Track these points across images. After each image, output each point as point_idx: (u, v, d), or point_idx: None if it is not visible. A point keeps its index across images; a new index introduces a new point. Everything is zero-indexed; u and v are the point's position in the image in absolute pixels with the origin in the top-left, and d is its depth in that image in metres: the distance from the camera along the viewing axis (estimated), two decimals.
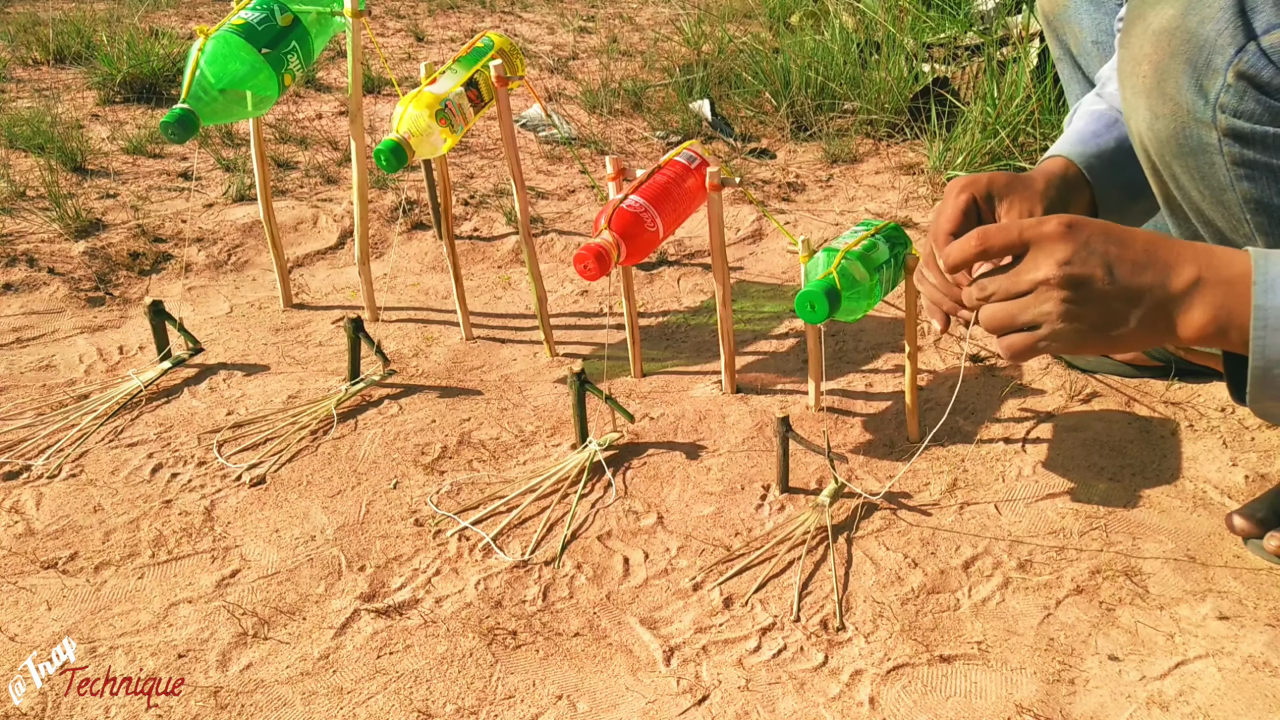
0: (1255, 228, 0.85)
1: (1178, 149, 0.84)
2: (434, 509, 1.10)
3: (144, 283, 1.59)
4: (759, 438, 1.21)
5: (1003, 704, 0.86)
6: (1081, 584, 0.97)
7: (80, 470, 1.17)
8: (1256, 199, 0.83)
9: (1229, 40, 0.77)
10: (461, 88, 1.28)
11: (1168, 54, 0.81)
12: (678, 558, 1.03)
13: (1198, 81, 0.79)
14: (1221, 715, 0.84)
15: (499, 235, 1.74)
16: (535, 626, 0.95)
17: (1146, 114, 0.85)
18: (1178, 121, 0.82)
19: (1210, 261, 0.74)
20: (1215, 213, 0.87)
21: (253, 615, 0.97)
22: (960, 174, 1.83)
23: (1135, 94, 0.86)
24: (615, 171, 1.22)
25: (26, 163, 1.90)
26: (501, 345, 1.43)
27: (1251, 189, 0.83)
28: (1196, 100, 0.80)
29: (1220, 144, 0.81)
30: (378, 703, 0.87)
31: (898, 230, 1.15)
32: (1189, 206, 0.90)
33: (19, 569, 1.03)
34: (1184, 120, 0.82)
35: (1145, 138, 0.88)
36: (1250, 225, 0.85)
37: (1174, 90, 0.82)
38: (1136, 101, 0.87)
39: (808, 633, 0.93)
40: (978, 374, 1.32)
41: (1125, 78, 0.88)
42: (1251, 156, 0.81)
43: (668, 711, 0.86)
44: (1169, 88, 0.82)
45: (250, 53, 1.24)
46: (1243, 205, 0.84)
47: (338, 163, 1.98)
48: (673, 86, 2.26)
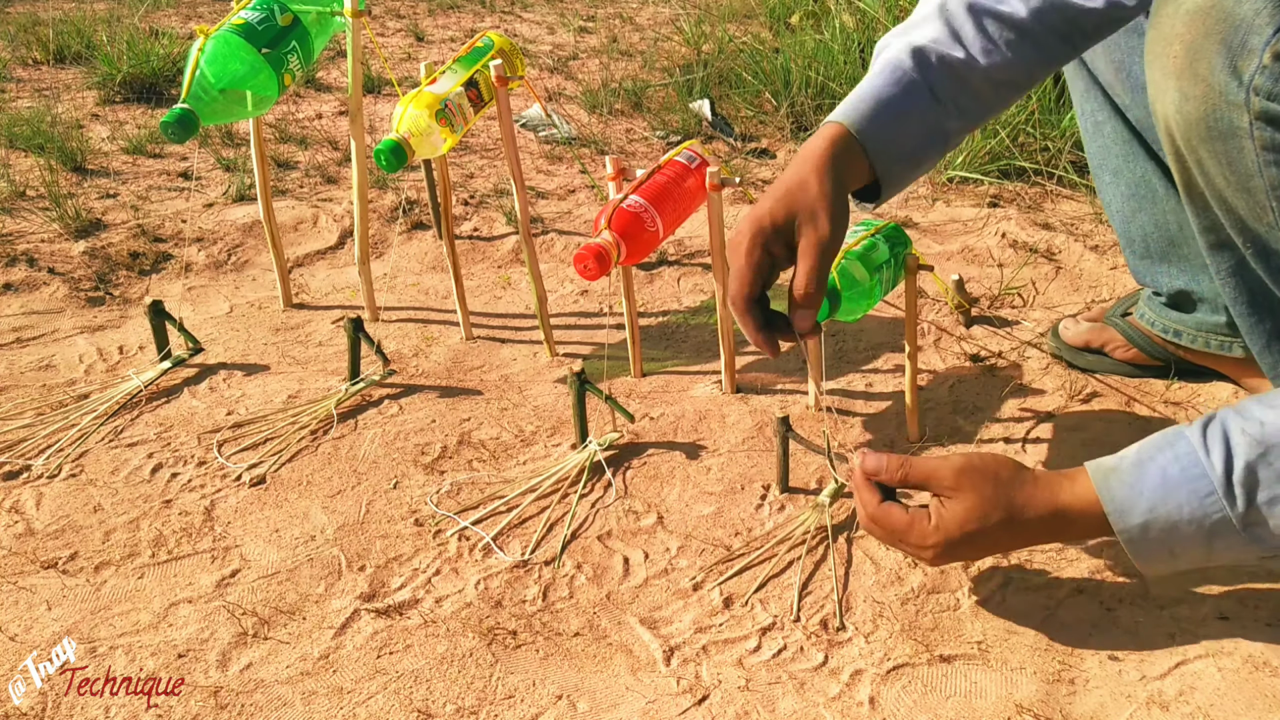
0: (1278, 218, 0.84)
1: (1206, 132, 0.81)
2: (434, 509, 1.10)
3: (144, 283, 1.60)
4: (759, 438, 1.21)
5: (1003, 704, 0.86)
6: (1081, 584, 0.97)
7: (80, 470, 1.17)
8: None
9: (1267, 20, 0.74)
10: (461, 88, 1.28)
11: (1201, 33, 0.78)
12: (678, 558, 1.03)
13: (1232, 62, 0.76)
14: (1221, 715, 0.84)
15: (499, 235, 1.74)
16: (535, 626, 0.95)
17: (1176, 95, 0.82)
18: (1208, 104, 0.79)
19: (1062, 511, 0.83)
20: (1239, 199, 0.84)
21: (253, 615, 0.97)
22: (959, 174, 1.84)
23: (1165, 75, 0.83)
24: (615, 171, 1.22)
25: (26, 163, 1.90)
26: (501, 345, 1.43)
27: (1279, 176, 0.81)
28: (1230, 82, 0.77)
29: (1251, 128, 0.78)
30: (378, 703, 0.87)
31: (898, 230, 1.15)
32: (1211, 193, 0.87)
33: (19, 569, 1.03)
34: (1215, 102, 0.79)
35: (1172, 120, 0.84)
36: (1274, 214, 0.82)
37: (1206, 71, 0.78)
38: (1165, 83, 0.83)
39: (808, 633, 0.93)
40: (978, 374, 1.32)
41: (1154, 58, 0.84)
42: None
43: (668, 711, 0.86)
44: (1201, 68, 0.79)
45: (250, 53, 1.24)
46: (1269, 192, 0.81)
47: (338, 163, 1.98)
48: (673, 86, 2.26)
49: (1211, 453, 0.76)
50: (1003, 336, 1.40)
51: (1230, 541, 0.77)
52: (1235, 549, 0.77)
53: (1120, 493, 0.79)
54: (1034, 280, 1.53)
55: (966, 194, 1.82)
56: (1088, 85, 1.22)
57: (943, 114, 0.92)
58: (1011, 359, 1.34)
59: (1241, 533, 0.76)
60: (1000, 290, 1.50)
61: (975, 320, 1.44)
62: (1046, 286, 1.52)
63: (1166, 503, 0.77)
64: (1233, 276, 0.99)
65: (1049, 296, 1.49)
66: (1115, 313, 1.31)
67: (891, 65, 0.91)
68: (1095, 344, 1.30)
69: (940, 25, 0.92)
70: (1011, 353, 1.36)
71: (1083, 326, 1.32)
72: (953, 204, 1.79)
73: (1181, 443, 0.78)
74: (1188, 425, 0.79)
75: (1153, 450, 0.80)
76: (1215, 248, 0.96)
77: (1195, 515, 0.76)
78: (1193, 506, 0.76)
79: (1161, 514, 0.77)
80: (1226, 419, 0.77)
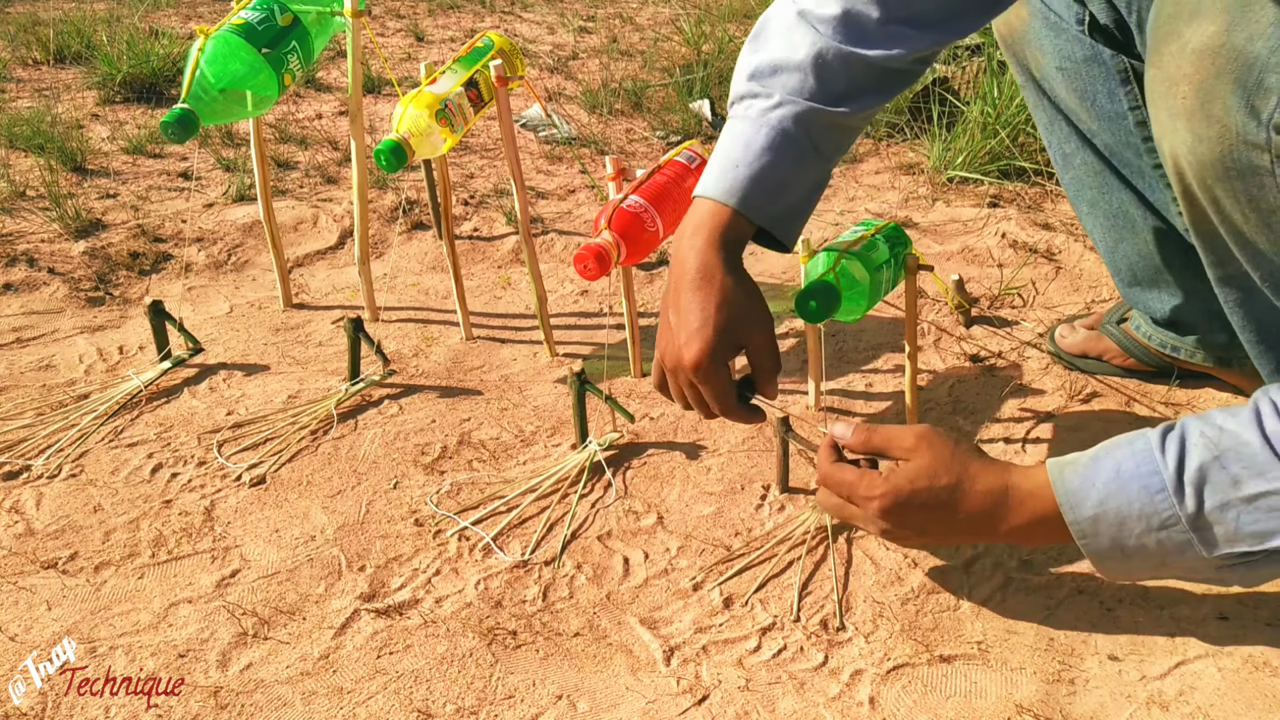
0: None
1: (1224, 172, 0.80)
2: (434, 509, 1.10)
3: (144, 283, 1.60)
4: (759, 438, 1.21)
5: (1003, 704, 0.86)
6: (1081, 584, 0.97)
7: (80, 470, 1.17)
8: None
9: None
10: (461, 88, 1.28)
11: (1212, 73, 0.76)
12: (678, 558, 1.03)
13: (1248, 102, 0.75)
14: (1221, 715, 0.84)
15: (499, 235, 1.74)
16: (535, 626, 0.95)
17: (1188, 136, 0.80)
18: (1225, 144, 0.78)
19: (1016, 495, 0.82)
20: (1260, 235, 0.82)
21: (253, 615, 0.97)
22: (959, 174, 1.84)
23: (1173, 116, 0.81)
24: (615, 171, 1.22)
25: (26, 163, 1.90)
26: (501, 345, 1.43)
27: None
28: (1248, 122, 0.75)
29: (1273, 165, 0.76)
30: (378, 703, 0.87)
31: (898, 230, 1.15)
32: (1227, 229, 0.85)
33: (19, 569, 1.03)
34: (1232, 143, 0.77)
35: (1184, 161, 0.83)
36: None
37: (1221, 111, 0.77)
38: (1174, 124, 0.82)
39: (808, 633, 0.93)
40: (978, 374, 1.32)
41: (1159, 98, 0.83)
42: None
43: (668, 711, 0.86)
44: (1215, 109, 0.77)
45: (250, 53, 1.24)
46: None
47: (338, 163, 1.98)
48: (673, 86, 2.26)
49: (1167, 452, 0.75)
50: (1003, 336, 1.40)
51: (1180, 544, 0.75)
52: (1186, 554, 0.76)
53: (1074, 483, 0.79)
54: (1034, 280, 1.53)
55: (966, 194, 1.82)
56: (1051, 117, 1.20)
57: (826, 164, 0.96)
58: (1011, 359, 1.34)
59: (1191, 534, 0.74)
60: (1000, 290, 1.50)
61: (975, 320, 1.44)
62: (1046, 286, 1.52)
63: (1117, 496, 0.77)
64: (1241, 307, 0.98)
65: (1049, 296, 1.49)
66: (1111, 319, 1.30)
67: (779, 132, 0.92)
68: (1093, 353, 1.29)
69: (811, 77, 0.92)
70: (1011, 353, 1.36)
71: (1079, 334, 1.31)
72: (953, 204, 1.79)
73: (1140, 441, 0.78)
74: (1152, 428, 0.79)
75: (1111, 447, 0.80)
76: (1224, 280, 0.96)
77: (1144, 511, 0.75)
78: (1143, 502, 0.75)
79: (1111, 507, 0.77)
80: (1188, 423, 0.77)
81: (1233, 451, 0.73)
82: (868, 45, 0.91)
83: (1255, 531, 0.72)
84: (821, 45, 0.91)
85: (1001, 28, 1.18)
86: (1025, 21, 1.14)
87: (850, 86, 0.92)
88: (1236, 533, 0.73)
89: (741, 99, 0.95)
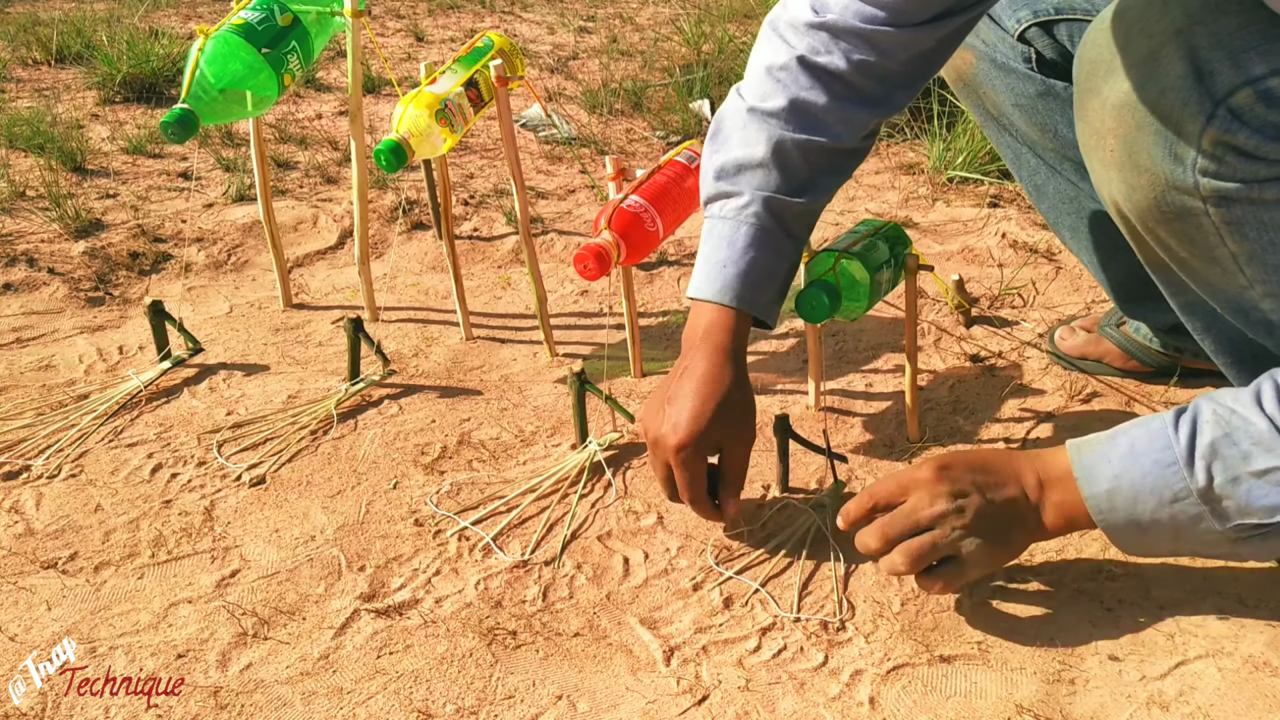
0: (1251, 279, 0.84)
1: (1160, 216, 0.83)
2: (434, 509, 1.10)
3: (144, 283, 1.60)
4: (759, 438, 1.20)
5: (1003, 704, 0.86)
6: (1081, 584, 0.97)
7: (80, 470, 1.17)
8: (1249, 252, 0.82)
9: (1196, 108, 0.75)
10: (461, 88, 1.28)
11: (1133, 127, 0.80)
12: (678, 558, 1.03)
13: (1171, 151, 0.78)
14: (1221, 715, 0.84)
15: (499, 235, 1.74)
16: (535, 626, 0.95)
17: (1122, 185, 0.84)
18: (1156, 190, 0.81)
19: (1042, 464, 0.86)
20: (1208, 270, 0.86)
21: (253, 615, 0.97)
22: (959, 174, 1.84)
23: (1105, 166, 0.85)
24: (615, 171, 1.22)
25: (26, 163, 1.90)
26: (501, 345, 1.43)
27: (1242, 244, 0.82)
28: (1174, 169, 0.79)
29: (1205, 206, 0.79)
30: (378, 703, 0.87)
31: (898, 230, 1.15)
32: (1179, 265, 0.89)
33: (19, 569, 1.03)
34: (1163, 189, 0.81)
35: (1124, 206, 0.86)
36: (1246, 275, 0.84)
37: (1148, 161, 0.80)
38: (1108, 174, 0.85)
39: (808, 633, 0.93)
40: (978, 374, 1.32)
41: (1090, 150, 0.87)
42: (1239, 214, 0.79)
43: (668, 711, 0.86)
44: (1142, 159, 0.80)
45: (250, 53, 1.24)
46: (1235, 259, 0.83)
47: (338, 163, 1.98)
48: (673, 86, 2.26)
49: (1180, 429, 0.79)
50: (1003, 337, 1.40)
51: (1193, 516, 0.78)
52: (1200, 527, 0.78)
53: (1090, 459, 0.83)
54: (1034, 280, 1.53)
55: (966, 194, 1.82)
56: (1016, 152, 1.21)
57: (800, 245, 1.04)
58: (1011, 359, 1.34)
59: (1204, 507, 0.77)
60: (1000, 290, 1.50)
61: (975, 320, 1.44)
62: (1046, 286, 1.52)
63: (1130, 471, 0.80)
64: (1209, 332, 1.01)
65: (1049, 297, 1.49)
66: (1109, 321, 1.29)
67: (727, 225, 0.99)
68: (1092, 356, 1.29)
69: (775, 171, 0.99)
70: (1011, 353, 1.36)
71: (1079, 337, 1.31)
72: (953, 204, 1.79)
73: (1156, 421, 0.81)
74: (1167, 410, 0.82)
75: (1128, 426, 0.83)
76: (1186, 309, 0.99)
77: (1157, 485, 0.78)
78: (1155, 476, 0.78)
79: (1125, 482, 0.80)
80: (1200, 403, 0.80)
81: (1242, 429, 0.76)
82: (819, 131, 0.97)
83: (1266, 505, 0.75)
84: (778, 137, 0.97)
85: (950, 73, 1.19)
86: (972, 65, 1.15)
87: (811, 173, 0.99)
88: (1248, 506, 0.76)
89: (714, 199, 1.01)
